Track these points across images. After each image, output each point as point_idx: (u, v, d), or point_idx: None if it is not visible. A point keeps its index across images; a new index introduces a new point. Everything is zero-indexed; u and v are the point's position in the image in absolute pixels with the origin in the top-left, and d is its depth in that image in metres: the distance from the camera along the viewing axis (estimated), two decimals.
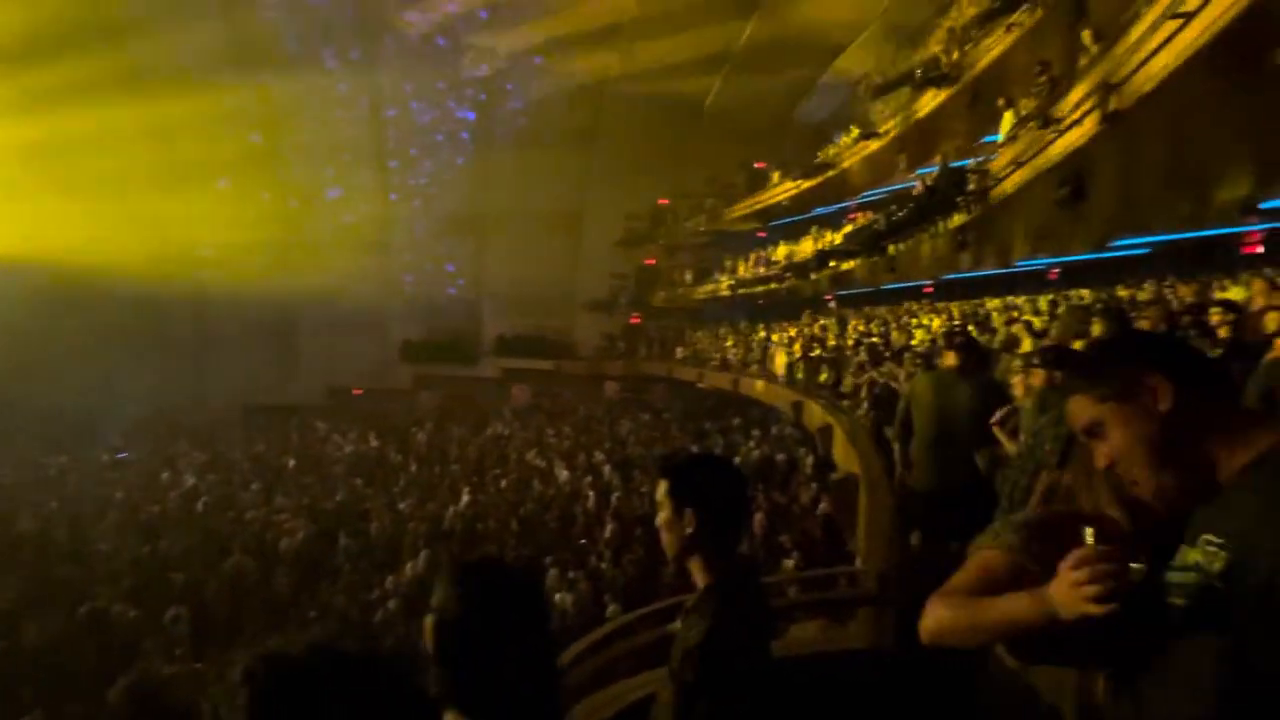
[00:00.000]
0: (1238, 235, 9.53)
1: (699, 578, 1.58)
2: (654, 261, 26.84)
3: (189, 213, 20.67)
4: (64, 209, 17.57)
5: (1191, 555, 0.99)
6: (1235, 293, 6.56)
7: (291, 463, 15.56)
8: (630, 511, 10.74)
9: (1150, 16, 5.27)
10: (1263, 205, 8.27)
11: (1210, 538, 0.97)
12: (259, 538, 10.25)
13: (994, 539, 1.28)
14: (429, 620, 1.20)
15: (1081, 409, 1.10)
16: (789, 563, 7.85)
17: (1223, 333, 4.26)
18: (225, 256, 21.74)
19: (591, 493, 11.85)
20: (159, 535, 10.46)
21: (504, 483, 13.06)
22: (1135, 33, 5.50)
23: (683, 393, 21.77)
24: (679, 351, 22.36)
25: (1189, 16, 4.66)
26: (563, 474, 13.53)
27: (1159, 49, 5.08)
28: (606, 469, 13.68)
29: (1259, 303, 4.94)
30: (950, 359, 3.94)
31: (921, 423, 3.90)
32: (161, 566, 9.18)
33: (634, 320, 26.49)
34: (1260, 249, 9.48)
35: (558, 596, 7.57)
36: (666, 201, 25.92)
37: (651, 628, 3.46)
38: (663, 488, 1.61)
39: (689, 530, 1.53)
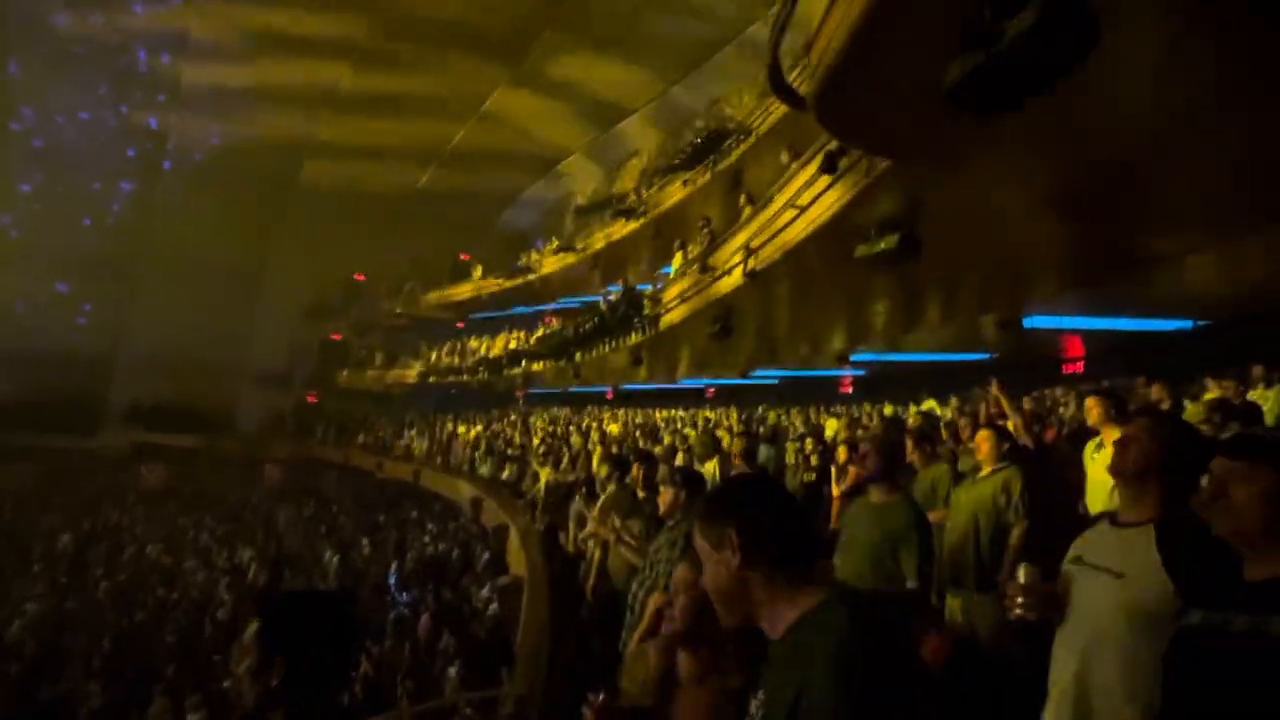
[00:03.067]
0: (837, 378, 12.03)
1: None
2: (341, 337, 25.07)
3: None
4: None
5: (753, 705, 1.14)
6: (830, 425, 8.20)
7: None
8: None
9: (778, 202, 6.62)
10: (853, 357, 10.60)
11: (759, 694, 1.12)
12: None
13: None
14: None
15: (696, 541, 1.24)
16: (452, 670, 7.47)
17: (814, 460, 5.26)
18: None
19: (228, 597, 10.16)
20: None
21: (105, 584, 10.60)
22: (767, 213, 6.85)
23: (358, 482, 20.11)
24: (360, 438, 20.83)
25: (802, 209, 5.95)
26: (195, 576, 11.43)
27: (783, 229, 6.37)
28: (253, 568, 11.89)
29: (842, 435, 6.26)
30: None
31: None
32: None
33: (311, 399, 24.17)
34: (850, 389, 12.06)
35: None
36: (363, 277, 24.68)
37: None
38: (251, 629, 1.45)
39: (275, 682, 1.38)
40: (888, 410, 9.33)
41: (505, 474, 11.95)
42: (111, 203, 22.18)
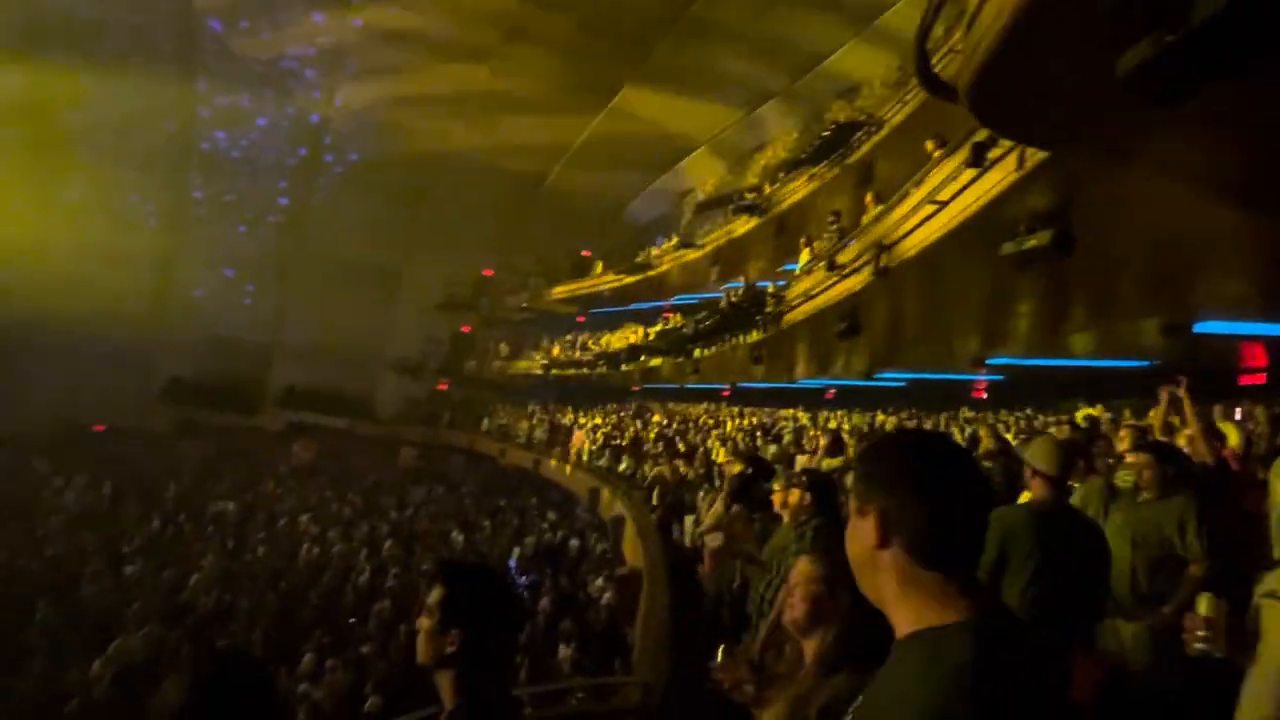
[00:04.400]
0: (970, 382, 11.38)
1: (447, 696, 1.50)
2: (470, 330, 26.42)
3: None
4: None
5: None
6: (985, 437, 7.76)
7: None
8: (406, 591, 10.07)
9: (915, 197, 6.34)
10: (989, 360, 10.00)
11: (855, 704, 0.98)
12: None
13: None
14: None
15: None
16: (566, 651, 7.72)
17: None
18: None
19: (367, 566, 10.97)
20: None
21: (263, 550, 11.71)
22: (903, 208, 6.58)
23: (482, 467, 21.16)
24: (484, 424, 21.88)
25: (942, 204, 5.68)
26: (337, 546, 12.42)
27: (920, 225, 6.10)
28: (388, 542, 12.78)
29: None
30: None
31: None
32: None
33: (442, 387, 25.64)
34: (985, 395, 11.38)
35: (302, 688, 6.79)
36: (491, 273, 25.88)
37: None
38: (436, 594, 1.53)
39: (450, 649, 1.48)
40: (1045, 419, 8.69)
41: (622, 467, 12.18)
42: (274, 205, 24.42)
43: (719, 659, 1.81)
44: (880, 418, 10.75)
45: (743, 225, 14.23)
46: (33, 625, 8.10)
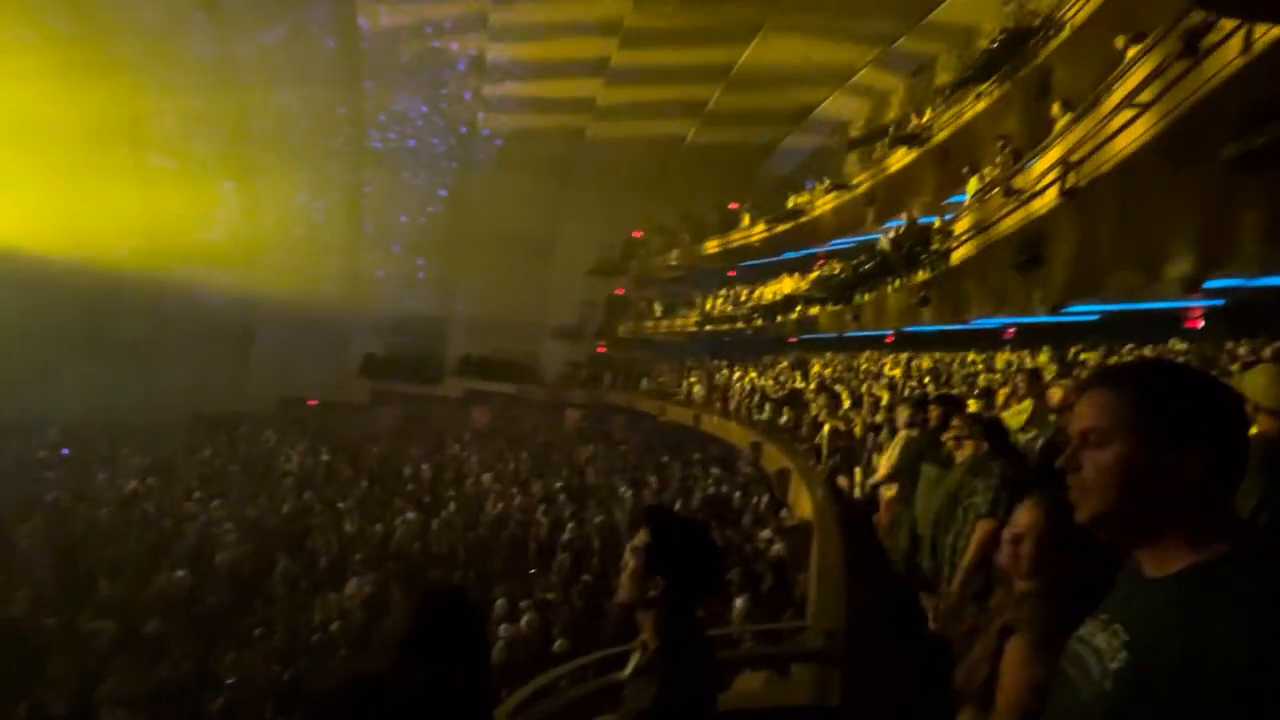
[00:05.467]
0: (1182, 309, 9.98)
1: (648, 636, 1.57)
2: (623, 292, 27.02)
3: (148, 208, 20.11)
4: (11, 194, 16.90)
5: (1098, 635, 0.96)
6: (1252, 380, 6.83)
7: (237, 472, 15.10)
8: (583, 543, 10.66)
9: (1110, 102, 5.57)
10: (1206, 285, 8.70)
11: (1119, 630, 0.93)
12: (196, 550, 9.90)
13: None
14: (382, 638, 1.30)
15: (1102, 410, 0.98)
16: (739, 601, 7.84)
17: None
18: (187, 256, 21.26)
19: (544, 521, 11.71)
20: (89, 541, 10.03)
21: (454, 506, 12.82)
22: (1094, 118, 5.80)
23: (643, 425, 21.77)
24: (643, 383, 22.42)
25: (1144, 107, 4.94)
26: (517, 500, 13.35)
27: (1116, 133, 5.36)
28: (562, 498, 13.55)
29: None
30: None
31: None
32: (89, 574, 8.79)
33: (600, 349, 26.55)
34: (1201, 324, 9.95)
35: (502, 627, 7.41)
36: (640, 234, 26.20)
37: (598, 674, 3.42)
38: (641, 538, 1.60)
39: (653, 593, 1.54)
40: None
41: (783, 419, 12.01)
42: (438, 188, 26.19)
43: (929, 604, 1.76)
44: (1088, 355, 9.71)
45: (900, 159, 13.29)
46: (275, 573, 9.45)
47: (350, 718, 1.09)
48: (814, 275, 15.63)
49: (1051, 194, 6.32)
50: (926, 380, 10.79)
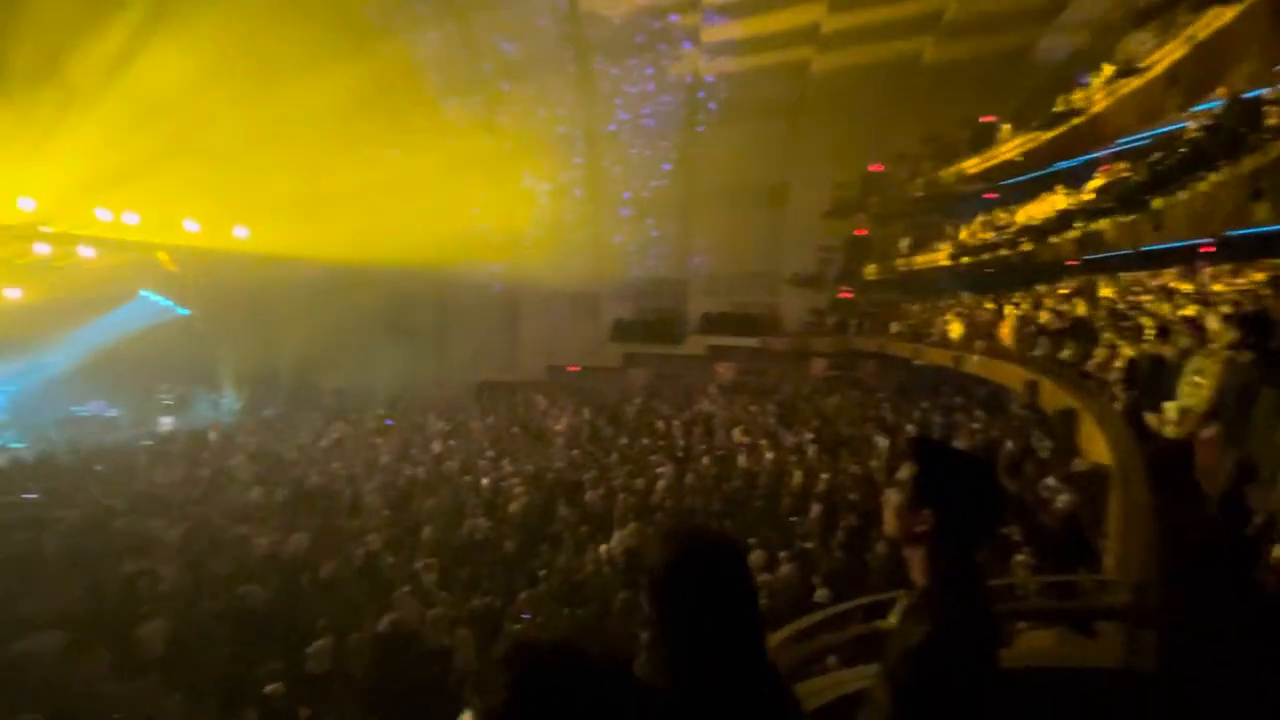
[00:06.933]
0: None
1: (918, 574, 1.44)
2: (865, 232, 25.43)
3: (427, 215, 23.18)
4: (327, 216, 20.42)
5: None
6: None
7: (517, 433, 17.02)
8: (838, 494, 10.38)
9: None
10: None
11: None
12: (491, 501, 11.36)
13: None
14: (644, 581, 1.32)
15: None
16: (1020, 558, 7.07)
17: None
18: (460, 251, 24.18)
19: (797, 473, 11.59)
20: (412, 494, 12.01)
21: (707, 460, 13.18)
22: None
23: (896, 369, 20.53)
24: (893, 326, 21.07)
25: None
26: (768, 453, 13.36)
27: None
28: (813, 449, 13.30)
29: None
30: None
31: None
32: (414, 522, 10.53)
33: (843, 294, 25.40)
34: None
35: (762, 577, 7.47)
36: (879, 167, 24.36)
37: (863, 620, 3.27)
38: (907, 472, 1.51)
39: (920, 528, 1.41)
40: None
41: (1065, 353, 10.51)
42: (667, 149, 26.67)
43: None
44: None
45: (1213, 21, 10.68)
46: (556, 520, 10.50)
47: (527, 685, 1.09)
48: (1095, 183, 13.32)
49: None
50: (1266, 294, 8.70)
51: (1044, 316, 12.42)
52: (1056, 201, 14.54)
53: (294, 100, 16.29)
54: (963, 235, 19.38)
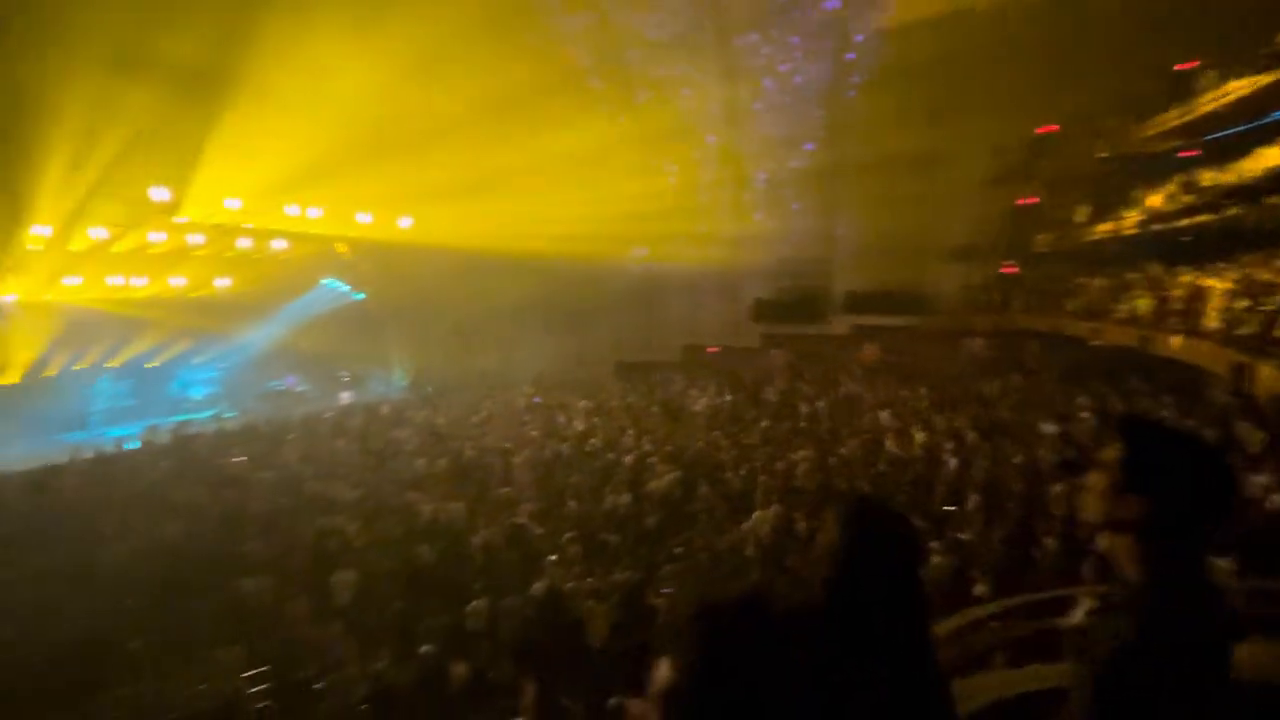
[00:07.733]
0: None
1: (1127, 569, 1.27)
2: (1033, 200, 23.22)
3: (572, 201, 23.86)
4: (481, 205, 21.57)
5: None
6: None
7: (657, 412, 17.24)
8: (1000, 483, 9.65)
9: None
10: None
11: None
12: (632, 478, 11.60)
13: None
14: (817, 553, 1.35)
15: None
16: (1222, 563, 6.24)
17: None
18: (604, 235, 24.74)
19: (953, 460, 10.88)
20: (556, 469, 12.52)
21: (853, 442, 12.68)
22: None
23: (1065, 350, 18.70)
24: (1067, 303, 19.18)
25: None
26: (919, 437, 12.65)
27: None
28: (970, 435, 12.43)
29: None
30: None
31: None
32: (561, 495, 10.97)
33: (1006, 269, 23.41)
34: None
35: None
36: (1053, 128, 22.05)
37: (1030, 617, 3.02)
38: (1113, 452, 1.35)
39: (1124, 515, 1.25)
40: None
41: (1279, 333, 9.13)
42: (814, 123, 25.71)
43: None
44: None
45: None
46: (696, 499, 10.53)
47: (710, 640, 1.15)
48: None
49: None
50: None
51: (1256, 290, 10.83)
52: (1271, 157, 12.57)
53: (462, 95, 17.37)
54: (1154, 200, 17.23)
